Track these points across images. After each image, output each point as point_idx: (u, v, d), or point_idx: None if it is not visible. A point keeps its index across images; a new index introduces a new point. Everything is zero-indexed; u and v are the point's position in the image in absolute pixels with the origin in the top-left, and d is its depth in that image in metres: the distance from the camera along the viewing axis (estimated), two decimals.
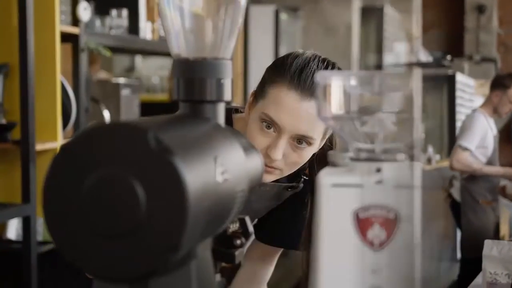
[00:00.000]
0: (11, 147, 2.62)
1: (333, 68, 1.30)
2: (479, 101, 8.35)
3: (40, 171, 2.57)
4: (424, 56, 6.43)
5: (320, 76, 0.68)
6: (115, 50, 3.44)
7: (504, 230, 5.84)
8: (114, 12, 3.25)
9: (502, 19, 8.90)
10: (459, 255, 4.92)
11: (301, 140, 1.26)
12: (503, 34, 8.85)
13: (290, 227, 1.46)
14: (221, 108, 0.79)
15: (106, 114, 3.21)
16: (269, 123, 1.25)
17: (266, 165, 1.25)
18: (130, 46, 3.47)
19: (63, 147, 0.61)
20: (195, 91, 0.77)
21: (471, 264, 3.10)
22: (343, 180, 0.66)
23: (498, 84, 4.17)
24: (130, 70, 6.16)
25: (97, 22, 3.19)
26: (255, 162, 0.83)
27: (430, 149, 6.21)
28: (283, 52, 6.66)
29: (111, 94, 3.29)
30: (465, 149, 4.11)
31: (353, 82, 0.68)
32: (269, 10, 6.32)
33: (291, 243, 1.46)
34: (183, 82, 0.77)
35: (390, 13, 7.46)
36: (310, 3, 6.36)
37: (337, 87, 0.68)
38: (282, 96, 1.24)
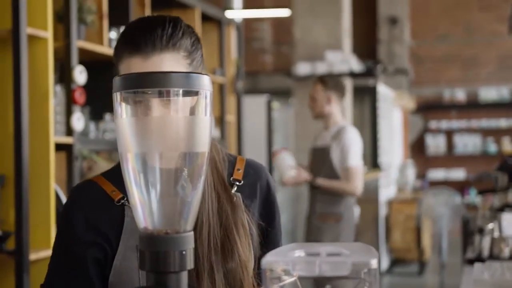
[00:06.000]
0: (5, 258, 2.67)
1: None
2: (397, 112, 8.38)
3: (35, 282, 2.61)
4: (356, 65, 6.42)
5: (265, 261, 0.75)
6: (111, 152, 3.54)
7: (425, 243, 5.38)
8: (107, 116, 3.37)
9: (414, 31, 9.05)
10: None
11: None
12: (415, 46, 8.99)
13: None
14: (184, 277, 0.86)
15: None
16: None
17: None
18: None
19: None
20: (159, 263, 0.85)
21: None
22: None
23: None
24: None
25: (92, 127, 3.30)
26: None
27: None
28: (276, 138, 6.82)
29: None
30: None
31: (296, 266, 0.75)
32: (261, 100, 6.51)
33: None
34: (149, 254, 0.85)
35: (383, 91, 7.60)
36: (301, 89, 6.47)
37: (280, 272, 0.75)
38: None
